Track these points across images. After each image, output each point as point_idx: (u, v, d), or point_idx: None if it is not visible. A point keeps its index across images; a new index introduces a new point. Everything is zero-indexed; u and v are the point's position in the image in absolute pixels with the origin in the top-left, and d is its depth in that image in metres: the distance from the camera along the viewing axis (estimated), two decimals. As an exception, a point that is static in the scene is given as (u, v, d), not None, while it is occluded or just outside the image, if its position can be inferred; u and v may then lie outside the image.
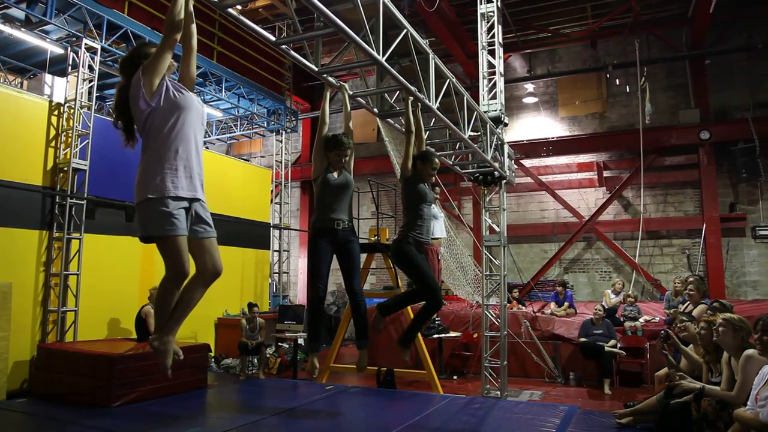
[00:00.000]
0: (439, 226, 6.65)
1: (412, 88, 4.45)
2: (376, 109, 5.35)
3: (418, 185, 4.31)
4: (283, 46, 3.93)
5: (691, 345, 4.96)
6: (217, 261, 2.80)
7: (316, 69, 4.21)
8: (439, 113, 5.03)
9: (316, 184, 4.18)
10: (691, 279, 6.60)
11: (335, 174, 4.12)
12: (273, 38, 3.74)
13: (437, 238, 6.49)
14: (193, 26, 2.91)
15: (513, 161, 8.28)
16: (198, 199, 2.77)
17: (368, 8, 3.75)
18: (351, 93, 4.67)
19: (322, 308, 4.20)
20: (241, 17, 3.41)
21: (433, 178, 4.57)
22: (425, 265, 4.20)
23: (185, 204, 2.70)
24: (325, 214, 4.07)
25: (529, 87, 13.72)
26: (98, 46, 7.99)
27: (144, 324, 7.49)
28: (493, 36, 7.99)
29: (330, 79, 4.49)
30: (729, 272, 11.45)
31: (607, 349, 7.78)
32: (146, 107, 2.69)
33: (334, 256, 4.15)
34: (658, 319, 8.64)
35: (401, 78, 4.28)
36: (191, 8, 2.87)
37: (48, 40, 8.07)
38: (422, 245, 4.27)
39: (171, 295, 2.72)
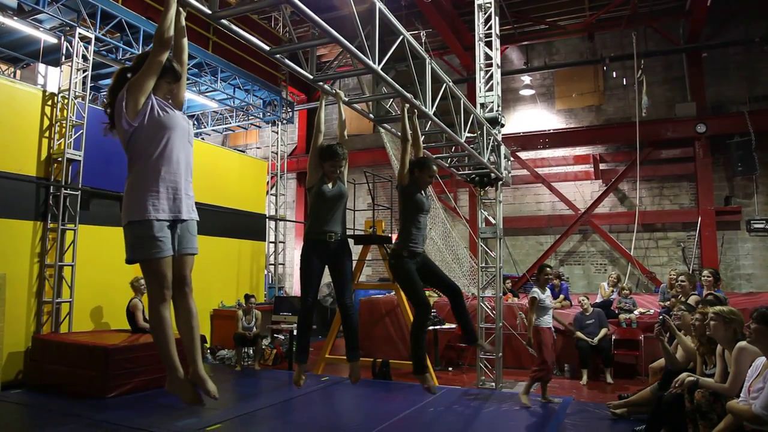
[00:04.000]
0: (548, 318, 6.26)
1: (409, 95, 4.37)
2: (372, 115, 5.29)
3: (415, 195, 4.24)
4: (278, 55, 3.84)
5: (688, 336, 4.98)
6: (187, 275, 2.74)
7: (311, 77, 4.13)
8: (436, 119, 4.97)
9: (310, 194, 4.12)
10: (683, 272, 6.70)
11: (330, 185, 4.06)
12: (267, 48, 3.65)
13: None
14: (185, 40, 2.81)
15: (509, 161, 8.26)
16: (182, 220, 2.71)
17: (364, 14, 3.69)
18: (346, 99, 4.60)
19: (310, 320, 4.18)
20: (233, 26, 3.28)
21: (431, 185, 4.53)
22: (419, 281, 4.19)
23: (169, 223, 2.65)
24: (318, 226, 4.01)
25: (526, 79, 13.69)
26: (92, 36, 7.91)
27: (133, 317, 7.46)
28: (490, 27, 7.96)
29: (325, 86, 4.42)
30: (723, 265, 11.50)
31: (595, 341, 7.78)
32: (128, 128, 2.61)
33: (327, 267, 4.11)
34: (652, 311, 8.67)
35: (398, 86, 4.21)
36: (183, 23, 2.77)
37: (41, 29, 7.98)
38: (417, 255, 4.25)
39: (164, 321, 2.62)
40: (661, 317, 5.15)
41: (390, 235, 9.35)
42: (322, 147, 4.11)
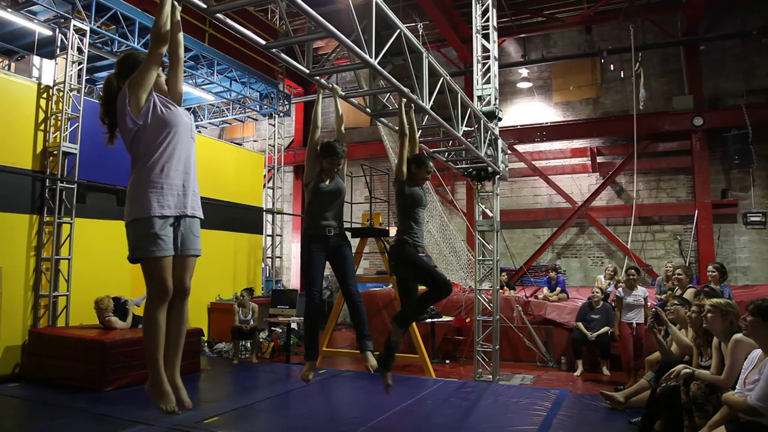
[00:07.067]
0: (635, 313, 7.33)
1: (406, 89, 4.34)
2: (369, 109, 5.27)
3: (412, 189, 4.24)
4: (274, 50, 3.80)
5: (682, 329, 5.00)
6: (187, 280, 2.73)
7: (308, 71, 4.10)
8: (434, 113, 4.93)
9: (307, 190, 4.11)
10: (679, 265, 6.71)
11: (327, 181, 4.05)
12: (263, 42, 3.62)
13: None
14: (180, 35, 2.80)
15: (506, 155, 8.24)
16: (187, 216, 2.71)
17: (360, 8, 3.65)
18: (343, 94, 4.56)
19: (318, 316, 4.14)
20: (228, 20, 3.25)
21: (428, 181, 4.51)
22: (428, 262, 4.16)
23: (172, 221, 2.64)
24: (316, 222, 4.02)
25: (524, 72, 13.65)
26: (87, 28, 7.85)
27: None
28: (487, 20, 7.93)
29: (322, 81, 4.37)
30: (720, 258, 11.52)
31: (593, 336, 7.77)
32: (133, 126, 2.60)
33: (328, 262, 4.09)
34: (649, 304, 8.68)
35: (395, 80, 4.17)
36: (178, 17, 2.76)
37: (36, 21, 7.92)
38: (418, 249, 4.23)
39: (156, 325, 2.61)
40: (653, 310, 5.16)
41: (387, 228, 9.35)
42: (321, 144, 4.09)
